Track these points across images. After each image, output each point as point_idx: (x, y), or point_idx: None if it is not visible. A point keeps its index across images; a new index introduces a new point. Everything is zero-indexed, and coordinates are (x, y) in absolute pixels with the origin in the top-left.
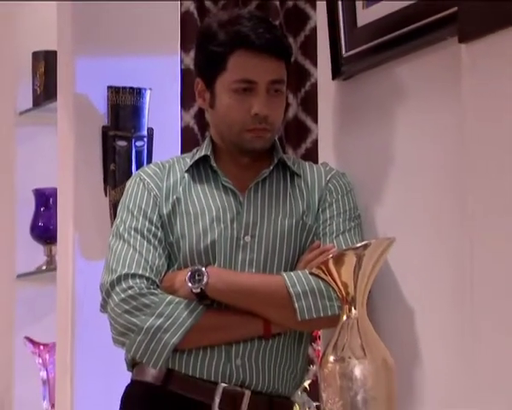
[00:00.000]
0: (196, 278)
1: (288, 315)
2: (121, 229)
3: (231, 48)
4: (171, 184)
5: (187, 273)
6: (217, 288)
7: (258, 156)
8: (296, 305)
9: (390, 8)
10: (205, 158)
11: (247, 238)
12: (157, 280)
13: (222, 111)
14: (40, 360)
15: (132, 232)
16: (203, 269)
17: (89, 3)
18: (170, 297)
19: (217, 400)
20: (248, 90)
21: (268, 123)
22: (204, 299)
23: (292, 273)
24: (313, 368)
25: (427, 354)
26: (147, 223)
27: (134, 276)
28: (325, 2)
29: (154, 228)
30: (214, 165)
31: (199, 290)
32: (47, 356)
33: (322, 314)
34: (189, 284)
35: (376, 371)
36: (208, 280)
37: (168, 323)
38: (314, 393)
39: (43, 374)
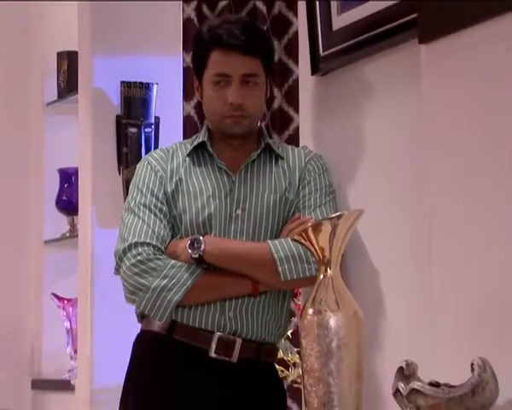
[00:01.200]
0: (195, 245)
1: (273, 276)
2: (132, 204)
3: (209, 47)
4: (175, 166)
5: (187, 242)
6: (213, 254)
7: (247, 141)
8: (280, 268)
9: (360, 14)
10: (202, 144)
11: (239, 211)
12: (162, 247)
13: (206, 102)
14: (64, 313)
15: (141, 207)
16: (201, 238)
17: (105, 12)
18: (173, 262)
19: (213, 346)
20: (224, 83)
21: (243, 110)
22: (202, 263)
23: (276, 241)
24: (295, 320)
25: (390, 308)
26: (154, 199)
27: (143, 244)
28: (305, 10)
29: (159, 204)
30: (210, 149)
31: (197, 256)
32: (70, 309)
33: (301, 275)
34: (189, 251)
35: (348, 321)
36: (205, 247)
37: (172, 283)
38: (295, 340)
39: (67, 324)
